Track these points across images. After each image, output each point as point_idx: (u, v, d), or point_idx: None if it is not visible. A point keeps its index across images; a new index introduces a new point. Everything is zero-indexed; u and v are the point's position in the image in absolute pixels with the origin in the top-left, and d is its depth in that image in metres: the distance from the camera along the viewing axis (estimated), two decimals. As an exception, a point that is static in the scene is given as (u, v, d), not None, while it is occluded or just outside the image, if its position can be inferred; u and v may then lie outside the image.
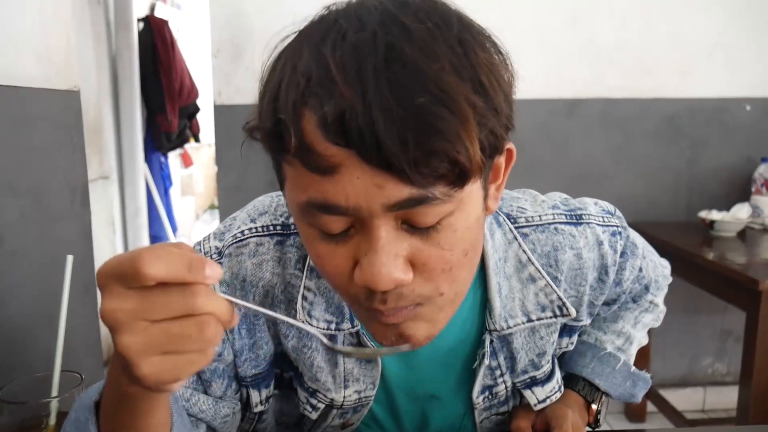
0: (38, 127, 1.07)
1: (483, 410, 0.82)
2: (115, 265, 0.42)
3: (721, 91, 2.51)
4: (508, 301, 0.73)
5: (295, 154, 0.50)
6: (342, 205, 0.50)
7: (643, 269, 0.88)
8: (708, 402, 2.74)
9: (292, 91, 0.49)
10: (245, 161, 2.37)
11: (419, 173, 0.47)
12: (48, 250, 1.09)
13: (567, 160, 2.50)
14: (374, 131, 0.45)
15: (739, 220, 2.29)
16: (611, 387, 0.87)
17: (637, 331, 0.94)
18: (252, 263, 0.71)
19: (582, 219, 0.78)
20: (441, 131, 0.46)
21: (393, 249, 0.52)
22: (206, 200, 5.82)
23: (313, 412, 0.77)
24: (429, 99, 0.46)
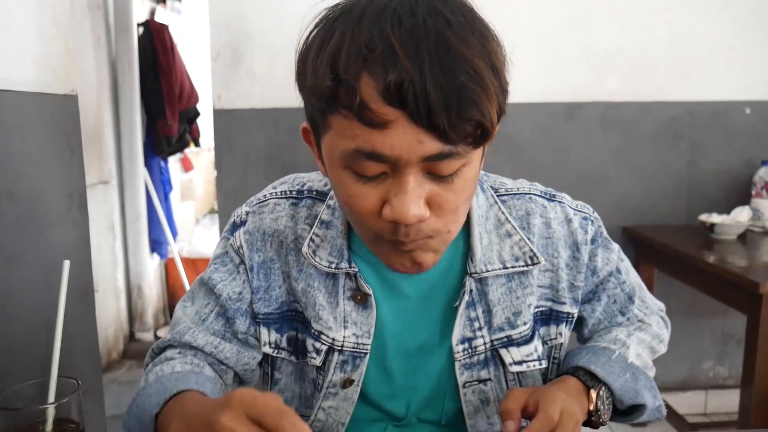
0: (36, 131, 1.07)
1: (464, 367, 0.85)
2: (260, 404, 0.56)
3: (721, 94, 2.51)
4: (488, 251, 0.85)
5: (353, 109, 0.61)
6: (387, 154, 0.63)
7: (623, 272, 0.94)
8: (710, 405, 2.74)
9: (353, 58, 0.61)
10: (245, 164, 2.37)
11: (454, 132, 0.61)
12: (45, 255, 1.08)
13: (567, 164, 2.50)
14: (427, 99, 0.59)
15: (739, 223, 2.29)
16: (609, 375, 0.84)
17: (632, 342, 0.92)
18: (270, 218, 0.88)
19: (555, 197, 0.91)
20: (475, 102, 0.60)
21: (417, 192, 0.65)
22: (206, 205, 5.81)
23: (317, 357, 0.86)
24: (467, 77, 0.60)
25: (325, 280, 0.85)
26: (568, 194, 0.94)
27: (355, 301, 0.85)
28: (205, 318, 0.88)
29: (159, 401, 0.72)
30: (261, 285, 0.87)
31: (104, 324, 3.19)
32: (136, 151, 3.48)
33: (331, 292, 0.85)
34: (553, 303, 0.89)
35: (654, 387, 0.89)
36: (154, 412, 0.71)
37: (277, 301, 0.88)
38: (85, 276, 1.27)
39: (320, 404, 0.87)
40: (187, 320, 0.88)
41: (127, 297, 3.59)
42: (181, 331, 0.87)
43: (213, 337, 0.87)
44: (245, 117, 2.35)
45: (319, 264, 0.83)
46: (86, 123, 2.93)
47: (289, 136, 2.35)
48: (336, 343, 0.85)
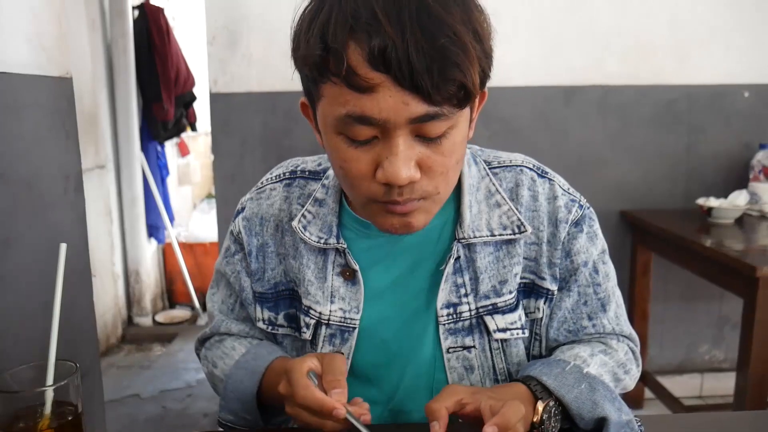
0: (30, 114, 1.06)
1: (448, 332, 0.87)
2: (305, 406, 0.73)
3: (720, 78, 2.50)
4: (477, 219, 0.87)
5: (341, 76, 0.65)
6: (375, 117, 0.66)
7: (601, 275, 0.90)
8: (705, 388, 2.76)
9: (340, 27, 0.65)
10: (242, 148, 2.36)
11: (438, 94, 0.65)
12: (42, 238, 1.08)
13: (565, 147, 2.49)
14: (410, 62, 0.62)
15: (736, 207, 2.29)
16: (562, 387, 0.77)
17: (594, 362, 0.86)
18: (267, 204, 0.94)
19: (547, 175, 0.92)
20: (456, 64, 0.64)
21: (408, 154, 0.69)
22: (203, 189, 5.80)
23: (307, 331, 0.90)
24: (448, 40, 0.63)
25: (315, 257, 0.89)
26: (566, 178, 0.93)
27: (344, 277, 0.88)
28: (232, 308, 0.98)
29: (254, 383, 0.85)
30: (259, 267, 0.93)
31: (102, 309, 3.20)
32: (133, 135, 3.47)
33: (320, 267, 0.89)
34: (536, 277, 0.90)
35: (617, 399, 0.80)
36: (254, 392, 0.85)
37: (270, 282, 0.93)
38: (82, 259, 1.26)
39: None
40: (217, 312, 0.99)
41: (125, 282, 3.59)
42: (216, 325, 0.98)
43: (243, 325, 0.97)
44: (242, 101, 2.34)
45: (309, 239, 0.88)
46: (82, 107, 2.91)
47: (285, 120, 2.34)
48: (323, 317, 0.89)
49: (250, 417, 0.87)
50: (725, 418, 0.99)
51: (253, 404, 0.86)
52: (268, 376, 0.85)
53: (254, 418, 0.87)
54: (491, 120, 2.40)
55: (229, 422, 0.90)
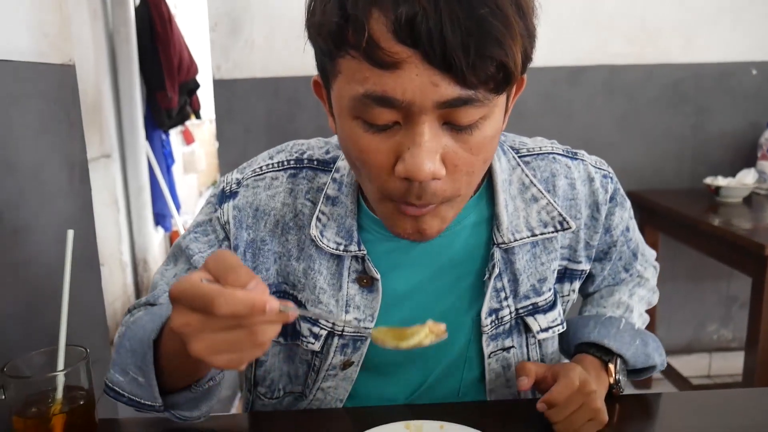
0: (33, 102, 1.06)
1: (490, 339, 0.84)
2: (189, 294, 0.52)
3: (727, 56, 2.47)
4: (514, 218, 0.80)
5: (360, 48, 0.56)
6: (398, 98, 0.57)
7: (631, 230, 0.92)
8: (714, 368, 2.76)
9: None
10: (246, 135, 2.36)
11: (474, 74, 0.55)
12: (49, 226, 1.08)
13: (571, 129, 2.47)
14: (442, 34, 0.53)
15: (744, 185, 2.28)
16: (622, 346, 0.86)
17: (634, 302, 0.94)
18: (266, 195, 0.81)
19: (577, 156, 0.87)
20: (497, 40, 0.55)
21: (433, 145, 0.60)
22: (209, 177, 5.81)
23: (316, 342, 0.82)
24: (488, 11, 0.54)
25: (329, 262, 0.80)
26: None
27: (360, 284, 0.80)
28: None
29: (155, 327, 0.70)
30: (249, 267, 0.76)
31: (111, 297, 3.22)
32: (137, 124, 3.47)
33: (334, 274, 0.80)
34: (569, 262, 0.87)
35: (659, 346, 0.91)
36: (153, 337, 0.69)
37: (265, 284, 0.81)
38: (89, 247, 1.27)
39: (319, 385, 0.85)
40: (164, 284, 0.84)
41: (133, 270, 3.61)
42: (156, 294, 0.83)
43: None
44: (245, 87, 2.33)
45: (326, 246, 0.78)
46: (85, 97, 2.91)
47: (289, 105, 2.33)
48: (336, 328, 0.81)
49: (143, 379, 0.70)
50: (734, 396, 0.99)
51: (148, 355, 0.69)
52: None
53: (148, 383, 0.70)
54: (496, 102, 2.38)
55: (116, 385, 0.72)
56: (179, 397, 0.73)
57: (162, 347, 0.69)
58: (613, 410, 0.83)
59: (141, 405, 0.73)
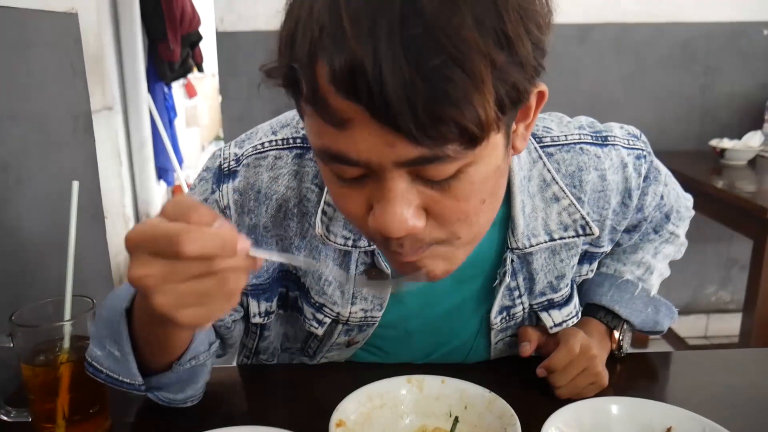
0: (36, 51, 1.04)
1: (499, 331, 0.84)
2: (149, 236, 0.46)
3: (738, 15, 2.43)
4: (531, 220, 0.74)
5: (309, 102, 0.49)
6: (353, 158, 0.50)
7: (665, 197, 0.87)
8: (711, 329, 2.79)
9: (306, 38, 0.47)
10: (250, 90, 2.33)
11: (428, 137, 0.46)
12: (54, 177, 1.08)
13: (578, 88, 2.45)
14: (383, 91, 0.44)
15: (750, 148, 2.27)
16: (632, 314, 0.86)
17: (658, 261, 0.93)
18: (269, 176, 0.72)
19: (608, 140, 0.78)
20: (450, 96, 0.44)
21: (405, 199, 0.51)
22: (211, 132, 5.78)
23: (320, 327, 0.79)
24: (443, 60, 0.43)
25: (335, 254, 0.75)
26: None
27: (369, 277, 0.75)
28: None
29: (127, 295, 0.66)
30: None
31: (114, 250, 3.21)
32: (139, 76, 3.43)
33: (340, 266, 0.75)
34: (591, 246, 0.83)
35: (671, 310, 0.92)
36: (125, 306, 0.65)
37: (268, 271, 0.77)
38: (94, 199, 1.27)
39: (323, 354, 0.85)
40: None
41: (136, 224, 3.63)
42: None
43: None
44: (249, 39, 2.30)
45: (334, 243, 0.72)
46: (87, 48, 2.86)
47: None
48: (341, 317, 0.78)
49: (119, 353, 0.66)
50: (733, 356, 1.00)
51: (121, 325, 0.65)
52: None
53: (124, 358, 0.66)
54: (503, 59, 2.36)
55: (95, 360, 0.67)
56: (163, 378, 0.69)
57: (134, 315, 0.64)
58: (613, 369, 0.84)
59: (120, 383, 0.68)
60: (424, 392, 0.72)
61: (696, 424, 0.65)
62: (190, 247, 0.45)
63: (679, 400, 0.70)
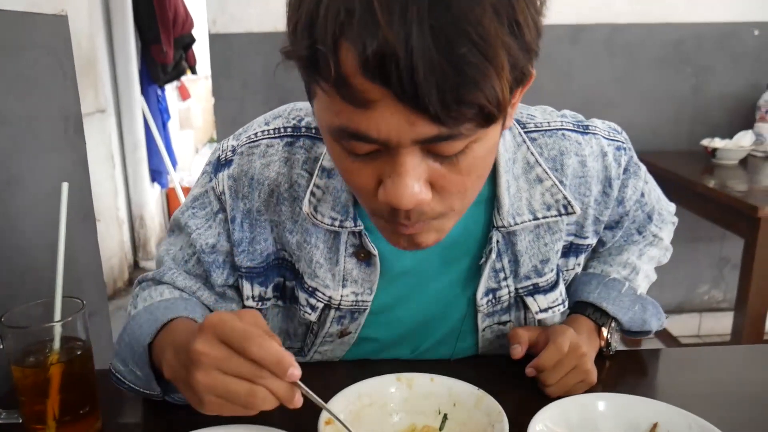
0: (26, 53, 1.05)
1: (486, 315, 0.85)
2: (228, 326, 0.55)
3: (729, 16, 2.44)
4: (516, 200, 0.78)
5: (331, 83, 0.51)
6: (373, 136, 0.53)
7: (645, 195, 0.90)
8: (703, 327, 2.80)
9: (331, 22, 0.49)
10: (243, 91, 2.33)
11: (450, 117, 0.50)
12: (43, 179, 1.08)
13: (570, 89, 2.46)
14: (413, 76, 0.47)
15: (741, 147, 2.28)
16: (619, 311, 0.86)
17: (643, 263, 0.94)
18: (260, 163, 0.78)
19: (588, 129, 0.83)
20: (477, 82, 0.49)
21: (416, 173, 0.56)
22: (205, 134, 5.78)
23: (312, 313, 0.82)
24: (468, 48, 0.47)
25: (325, 236, 0.78)
26: None
27: (358, 258, 0.79)
28: (187, 260, 0.83)
29: (151, 331, 0.71)
30: (244, 237, 0.80)
31: (108, 253, 3.23)
32: (132, 78, 3.43)
33: (330, 248, 0.79)
34: (576, 237, 0.85)
35: (659, 310, 0.91)
36: (147, 342, 0.71)
37: (263, 255, 0.81)
38: (85, 201, 1.27)
39: (317, 349, 0.87)
40: (170, 260, 0.84)
41: (130, 227, 3.62)
42: (162, 271, 0.83)
43: (192, 281, 0.83)
44: (242, 41, 2.30)
45: (321, 222, 0.76)
46: (79, 50, 2.86)
47: (288, 61, 2.30)
48: (333, 301, 0.81)
49: (141, 373, 0.73)
50: (723, 353, 1.01)
51: (143, 357, 0.71)
52: (172, 332, 0.70)
53: (146, 377, 0.73)
54: (495, 60, 2.36)
55: (118, 373, 0.75)
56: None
57: (156, 354, 0.71)
58: (602, 366, 0.85)
59: (140, 393, 0.75)
60: (414, 390, 0.72)
61: (682, 419, 0.66)
62: (256, 349, 0.54)
63: (667, 397, 0.70)
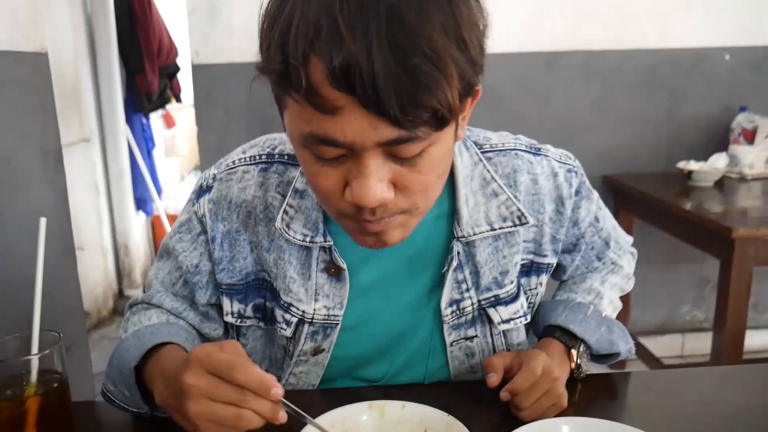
0: (6, 91, 1.06)
1: (452, 328, 0.87)
2: (214, 358, 0.61)
3: (701, 41, 2.51)
4: (474, 213, 0.84)
5: (302, 94, 0.59)
6: (340, 140, 0.60)
7: (600, 220, 0.95)
8: (686, 348, 2.82)
9: (301, 39, 0.57)
10: (226, 120, 2.36)
11: (408, 120, 0.58)
12: (23, 214, 1.09)
13: (548, 113, 2.50)
14: (375, 84, 0.55)
15: (716, 169, 2.33)
16: (586, 332, 0.89)
17: (606, 289, 0.97)
18: (238, 187, 0.85)
19: (540, 152, 0.89)
20: (430, 88, 0.56)
21: (379, 174, 0.63)
22: (190, 161, 5.78)
23: (288, 328, 0.86)
24: (422, 59, 0.55)
25: (298, 252, 0.84)
26: (550, 144, 0.93)
27: (329, 273, 0.84)
28: (174, 282, 0.89)
29: (137, 355, 0.76)
30: (224, 256, 0.86)
31: (92, 283, 3.22)
32: (117, 107, 3.44)
33: (303, 264, 0.84)
34: (535, 255, 0.89)
35: (626, 333, 0.94)
36: (133, 365, 0.76)
37: (242, 273, 0.86)
38: (65, 234, 1.28)
39: (291, 370, 0.89)
40: (158, 284, 0.90)
41: (115, 255, 3.61)
42: (150, 294, 0.89)
43: (179, 303, 0.89)
44: (224, 72, 2.33)
45: (293, 238, 0.82)
46: (64, 80, 2.89)
47: (269, 91, 2.30)
48: (306, 315, 0.85)
49: (129, 393, 0.78)
50: (688, 374, 1.03)
51: (131, 379, 0.76)
52: (161, 360, 0.75)
53: (134, 397, 0.78)
54: (474, 87, 2.41)
55: (108, 392, 0.81)
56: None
57: (146, 377, 0.76)
58: (574, 389, 0.86)
59: (130, 411, 0.80)
60: (386, 417, 0.73)
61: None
62: (242, 376, 0.59)
63: (637, 420, 0.72)
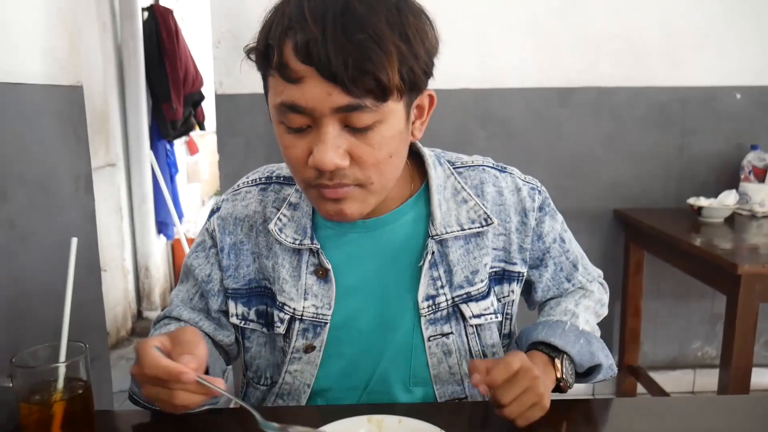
0: (44, 120, 1.15)
1: (429, 323, 0.96)
2: (139, 355, 0.76)
3: (712, 80, 2.55)
4: (447, 216, 0.95)
5: (276, 68, 0.75)
6: (303, 105, 0.74)
7: (567, 242, 1.05)
8: (698, 384, 2.81)
9: (278, 26, 0.74)
10: (246, 148, 2.44)
11: (355, 86, 0.72)
12: (55, 233, 1.16)
13: (560, 148, 2.55)
14: (328, 56, 0.70)
15: (726, 206, 2.35)
16: (567, 344, 0.93)
17: (580, 310, 1.02)
18: (241, 205, 1.00)
19: (506, 170, 1.02)
20: (371, 59, 0.71)
21: (335, 142, 0.76)
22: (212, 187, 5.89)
23: (281, 325, 0.96)
24: (366, 37, 0.71)
25: (290, 256, 0.95)
26: (561, 177, 1.01)
27: (317, 275, 0.95)
28: (192, 297, 1.03)
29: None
30: (231, 264, 0.99)
31: (113, 303, 3.29)
32: (143, 134, 3.55)
33: (295, 266, 0.95)
34: (506, 264, 0.99)
35: (605, 347, 1.00)
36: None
37: (245, 279, 0.98)
38: (92, 254, 1.35)
39: (287, 368, 0.98)
40: (177, 301, 1.03)
41: (135, 277, 3.69)
42: (170, 309, 1.03)
43: (196, 313, 1.01)
44: (246, 102, 2.42)
45: (285, 240, 0.94)
46: (93, 107, 3.00)
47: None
48: (297, 312, 0.95)
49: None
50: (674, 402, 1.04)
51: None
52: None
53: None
54: (488, 121, 2.47)
55: (135, 394, 0.92)
56: None
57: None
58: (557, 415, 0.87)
59: (153, 408, 0.89)
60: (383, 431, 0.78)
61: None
62: (147, 370, 0.74)
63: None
